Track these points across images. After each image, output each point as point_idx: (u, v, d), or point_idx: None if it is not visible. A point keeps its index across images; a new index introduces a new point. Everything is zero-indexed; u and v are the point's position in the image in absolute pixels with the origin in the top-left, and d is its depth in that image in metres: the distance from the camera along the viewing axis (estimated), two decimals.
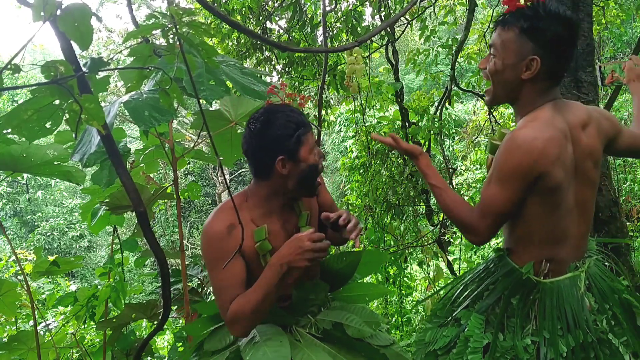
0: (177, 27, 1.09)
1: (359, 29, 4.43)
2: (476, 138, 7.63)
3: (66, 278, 7.76)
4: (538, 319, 1.43)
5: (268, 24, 4.96)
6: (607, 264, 1.57)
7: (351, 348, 1.56)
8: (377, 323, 1.63)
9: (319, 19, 4.61)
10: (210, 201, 15.07)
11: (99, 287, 2.63)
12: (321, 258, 1.45)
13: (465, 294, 1.61)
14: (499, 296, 1.50)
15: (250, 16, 4.89)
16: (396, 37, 4.80)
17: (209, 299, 2.48)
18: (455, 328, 1.53)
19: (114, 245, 2.73)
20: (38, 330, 2.26)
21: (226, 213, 1.48)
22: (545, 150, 1.32)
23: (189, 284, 2.55)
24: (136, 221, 2.49)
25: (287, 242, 1.43)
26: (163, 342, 5.25)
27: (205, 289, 2.69)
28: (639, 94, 1.73)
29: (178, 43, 1.14)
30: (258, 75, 1.90)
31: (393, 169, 4.53)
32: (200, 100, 1.37)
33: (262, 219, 1.54)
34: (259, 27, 4.84)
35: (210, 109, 2.02)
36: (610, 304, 1.46)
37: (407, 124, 4.68)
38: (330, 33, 4.65)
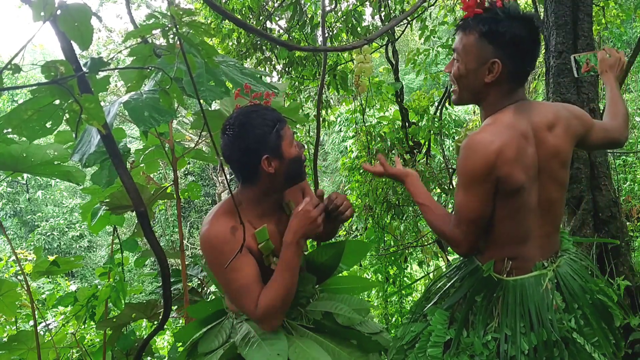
0: (177, 27, 1.09)
1: (359, 29, 4.43)
2: None
3: (66, 278, 7.76)
4: (501, 316, 1.44)
5: (268, 24, 4.96)
6: (584, 263, 1.56)
7: (342, 336, 1.60)
8: (366, 310, 1.69)
9: (319, 19, 4.61)
10: (210, 201, 15.06)
11: (99, 287, 2.62)
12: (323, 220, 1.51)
13: (435, 291, 1.66)
14: (465, 293, 1.53)
15: (251, 16, 4.89)
16: (396, 37, 4.80)
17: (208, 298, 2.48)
18: (423, 324, 1.56)
19: (114, 245, 2.73)
20: (38, 330, 2.26)
21: (224, 217, 1.49)
22: (502, 153, 1.33)
23: (189, 284, 2.55)
24: (136, 221, 2.49)
25: (293, 220, 1.48)
26: (163, 342, 5.24)
27: (205, 289, 2.69)
28: (611, 85, 1.73)
29: (178, 43, 1.14)
30: (258, 76, 1.90)
31: None
32: (201, 100, 1.37)
33: (258, 221, 1.56)
34: (259, 27, 4.83)
35: (210, 109, 2.01)
36: (580, 303, 1.45)
37: (407, 124, 4.68)
38: (330, 33, 4.65)
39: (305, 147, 1.64)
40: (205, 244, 1.49)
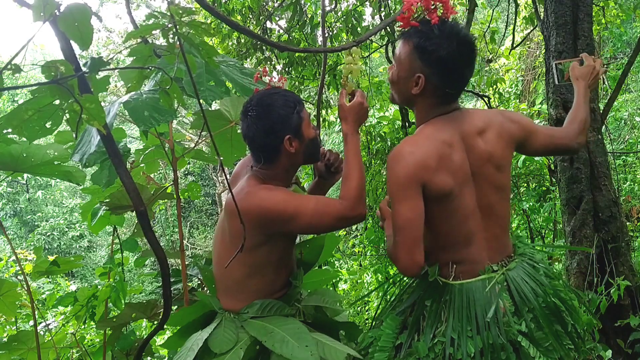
0: (177, 26, 1.09)
1: (359, 29, 4.43)
2: None
3: (66, 278, 7.76)
4: (448, 320, 1.45)
5: (268, 24, 4.96)
6: (539, 266, 1.56)
7: (334, 329, 1.66)
8: (340, 301, 1.79)
9: (319, 19, 4.61)
10: (210, 201, 15.06)
11: (99, 287, 2.62)
12: None
13: (393, 297, 1.70)
14: (416, 298, 1.55)
15: (251, 16, 4.89)
16: (396, 37, 4.80)
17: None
18: (378, 330, 1.57)
19: (114, 245, 2.72)
20: (38, 330, 2.26)
21: (259, 181, 1.60)
22: (422, 162, 1.37)
23: (189, 284, 2.55)
24: (136, 221, 2.49)
25: (349, 113, 1.57)
26: (163, 341, 5.24)
27: (206, 289, 2.68)
28: (578, 92, 1.72)
29: (178, 43, 1.14)
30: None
31: None
32: (201, 100, 1.37)
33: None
34: (259, 27, 4.84)
35: (210, 109, 2.01)
36: (531, 306, 1.45)
37: (407, 124, 4.68)
38: (330, 33, 4.65)
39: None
40: (259, 206, 1.51)
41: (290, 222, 1.51)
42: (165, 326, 1.68)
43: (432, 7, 1.41)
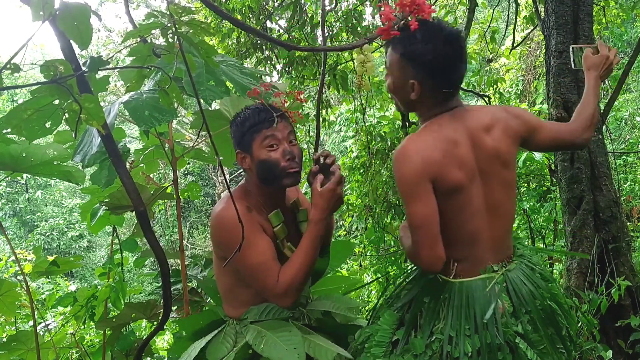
0: (177, 26, 1.09)
1: (359, 28, 4.42)
2: None
3: (65, 278, 7.75)
4: (447, 318, 1.44)
5: (268, 24, 4.96)
6: (537, 268, 1.55)
7: (341, 334, 1.65)
8: (357, 308, 1.76)
9: (319, 19, 4.60)
10: (210, 201, 15.05)
11: (98, 287, 2.62)
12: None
13: (392, 293, 1.67)
14: (414, 295, 1.54)
15: (251, 15, 4.88)
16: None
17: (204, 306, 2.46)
18: (375, 326, 1.56)
19: (113, 246, 2.72)
20: (37, 331, 2.25)
21: (238, 199, 1.52)
22: (428, 157, 1.36)
23: (189, 284, 2.54)
24: (136, 221, 2.49)
25: (319, 199, 1.51)
26: (163, 342, 5.24)
27: (202, 291, 2.68)
28: (588, 84, 1.68)
29: (177, 42, 1.14)
30: (258, 76, 1.90)
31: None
32: (200, 100, 1.37)
33: (269, 209, 1.60)
34: (259, 27, 4.83)
35: (210, 109, 2.01)
36: (529, 308, 1.45)
37: (407, 124, 4.67)
38: (330, 33, 4.65)
39: (302, 153, 1.63)
40: (220, 223, 1.51)
41: (227, 256, 1.50)
42: (165, 327, 1.67)
43: (409, 13, 1.40)
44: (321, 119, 4.60)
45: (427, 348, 1.41)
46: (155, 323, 2.39)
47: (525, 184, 5.15)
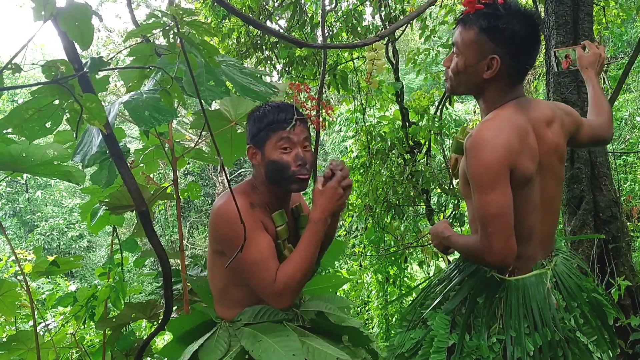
0: (179, 26, 1.09)
1: (359, 28, 4.42)
2: None
3: (66, 278, 7.75)
4: (504, 318, 1.42)
5: (268, 24, 4.95)
6: (574, 262, 1.57)
7: (335, 334, 1.62)
8: (347, 307, 1.75)
9: (319, 19, 4.60)
10: (210, 201, 15.04)
11: (98, 287, 2.62)
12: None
13: (433, 295, 1.62)
14: (466, 296, 1.50)
15: (251, 15, 4.88)
16: (396, 37, 4.79)
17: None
18: (423, 330, 1.53)
19: (113, 246, 2.72)
20: (37, 331, 2.25)
21: (241, 195, 1.51)
22: (508, 144, 1.31)
23: (189, 285, 2.54)
24: (136, 221, 2.49)
25: (319, 198, 1.48)
26: (163, 342, 5.24)
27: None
28: (592, 83, 1.72)
29: (179, 42, 1.14)
30: (258, 76, 1.90)
31: (393, 169, 4.52)
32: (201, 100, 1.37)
33: (273, 206, 1.58)
34: None
35: (210, 109, 2.01)
36: (579, 302, 1.45)
37: (407, 124, 4.68)
38: (330, 32, 4.64)
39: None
40: (221, 217, 1.47)
41: (228, 254, 1.47)
42: (165, 327, 1.66)
43: None
44: (321, 118, 4.59)
45: (489, 350, 1.38)
46: (155, 323, 2.39)
47: None
